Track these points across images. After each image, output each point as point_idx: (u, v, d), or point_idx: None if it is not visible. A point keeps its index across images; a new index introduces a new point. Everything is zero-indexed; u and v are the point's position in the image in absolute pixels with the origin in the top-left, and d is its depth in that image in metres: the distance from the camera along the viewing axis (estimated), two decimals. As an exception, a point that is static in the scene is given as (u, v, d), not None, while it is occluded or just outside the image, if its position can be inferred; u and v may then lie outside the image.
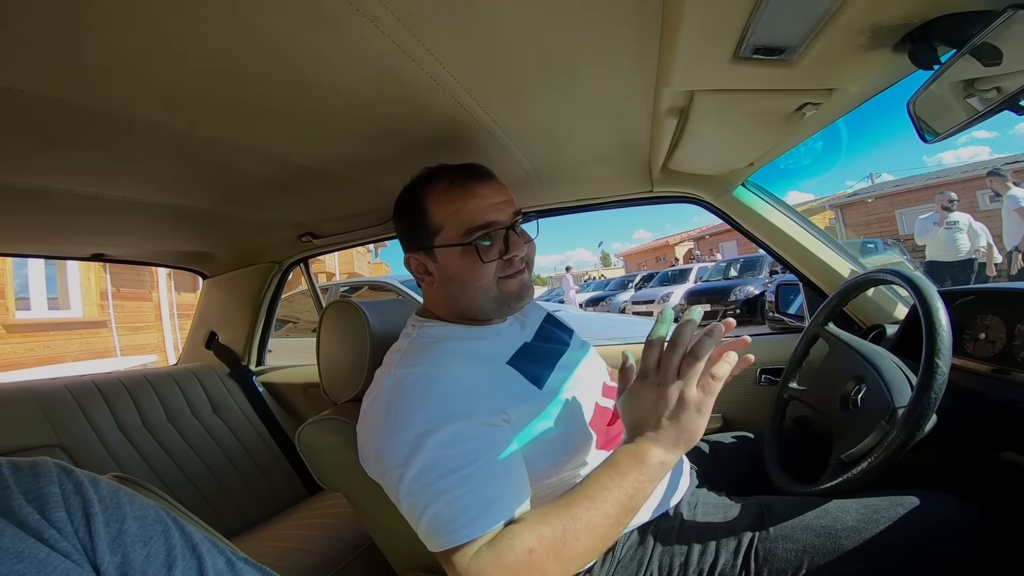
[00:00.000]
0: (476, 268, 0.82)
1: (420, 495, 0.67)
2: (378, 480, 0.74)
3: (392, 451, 0.69)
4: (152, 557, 0.35)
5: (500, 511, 0.66)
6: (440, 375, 0.75)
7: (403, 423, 0.70)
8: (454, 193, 0.83)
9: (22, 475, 0.35)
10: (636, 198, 1.46)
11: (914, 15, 0.57)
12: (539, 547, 0.62)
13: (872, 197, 14.17)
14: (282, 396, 2.04)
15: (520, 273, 0.86)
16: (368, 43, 0.60)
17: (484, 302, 0.85)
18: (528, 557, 0.61)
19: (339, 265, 12.09)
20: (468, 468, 0.67)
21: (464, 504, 0.65)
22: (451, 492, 0.66)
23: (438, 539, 0.65)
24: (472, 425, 0.71)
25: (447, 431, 0.69)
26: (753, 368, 1.39)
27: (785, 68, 0.67)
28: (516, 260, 0.85)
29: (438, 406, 0.71)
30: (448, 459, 0.67)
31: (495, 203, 0.84)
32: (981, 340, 0.96)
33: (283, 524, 1.53)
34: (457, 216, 0.82)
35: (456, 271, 0.84)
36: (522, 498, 0.69)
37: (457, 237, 0.82)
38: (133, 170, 0.96)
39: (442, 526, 0.65)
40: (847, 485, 0.79)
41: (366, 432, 0.76)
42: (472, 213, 0.82)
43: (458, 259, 0.83)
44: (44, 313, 6.40)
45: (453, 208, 0.82)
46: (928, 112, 0.71)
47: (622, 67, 0.75)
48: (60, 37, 0.53)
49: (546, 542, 0.62)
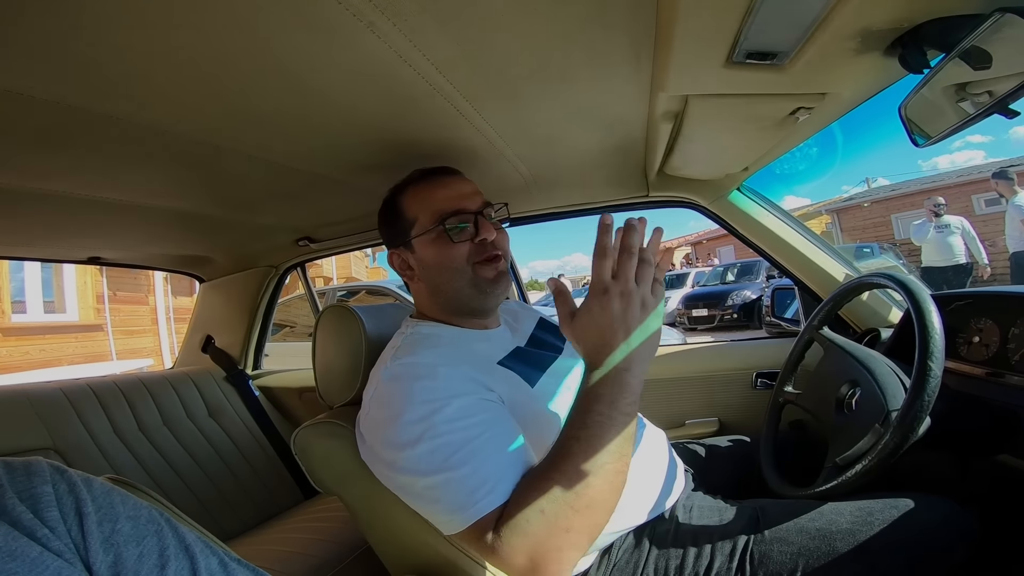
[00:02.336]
0: (449, 250, 0.85)
1: (434, 474, 0.66)
2: (386, 473, 0.73)
3: (398, 437, 0.69)
4: (145, 557, 0.35)
5: (514, 479, 0.66)
6: (437, 362, 0.76)
7: (405, 408, 0.70)
8: (424, 185, 0.89)
9: (15, 474, 0.35)
10: (632, 202, 1.47)
11: (904, 19, 0.58)
12: (549, 506, 0.61)
13: (868, 201, 14.20)
14: (278, 400, 2.03)
15: (495, 260, 0.87)
16: (365, 49, 0.61)
17: (461, 285, 0.86)
18: (542, 518, 0.61)
19: (336, 269, 12.08)
20: (479, 439, 0.67)
21: (481, 477, 0.65)
22: (465, 466, 0.65)
23: (461, 515, 0.64)
24: (474, 401, 0.72)
25: (452, 408, 0.69)
26: (749, 372, 1.40)
27: (778, 73, 0.68)
28: (488, 244, 0.86)
29: (439, 387, 0.72)
30: (456, 433, 0.68)
31: (463, 192, 0.88)
32: (975, 344, 0.97)
33: (279, 528, 1.52)
34: (429, 205, 0.86)
35: (432, 257, 0.87)
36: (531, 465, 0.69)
37: (430, 224, 0.86)
38: (130, 174, 0.96)
39: (462, 500, 0.64)
40: (842, 488, 0.79)
41: (369, 426, 0.76)
42: (441, 201, 0.86)
43: (432, 245, 0.87)
44: (40, 316, 6.36)
45: (425, 199, 0.87)
46: (920, 116, 0.72)
47: (617, 73, 0.75)
48: (59, 41, 0.53)
49: (554, 498, 0.61)
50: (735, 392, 1.42)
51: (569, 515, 0.61)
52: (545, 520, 0.60)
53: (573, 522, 0.61)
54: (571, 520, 0.61)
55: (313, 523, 1.49)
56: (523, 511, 0.61)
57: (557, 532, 0.60)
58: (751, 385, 1.39)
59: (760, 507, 0.85)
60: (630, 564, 0.80)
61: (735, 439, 1.19)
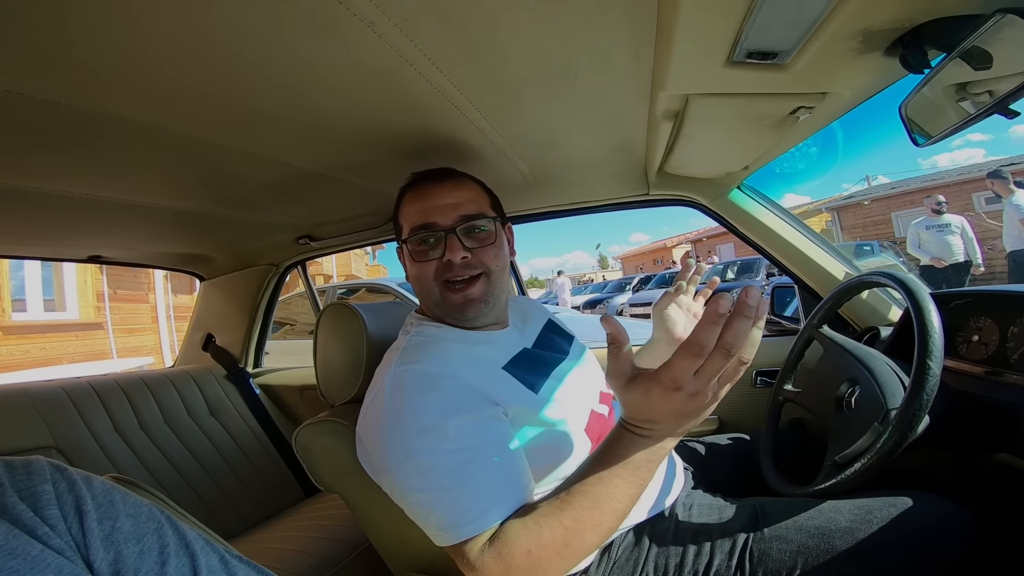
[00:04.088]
0: (414, 267, 0.87)
1: (428, 491, 0.67)
2: (380, 478, 0.74)
3: (395, 448, 0.70)
4: (145, 554, 0.35)
5: (508, 504, 0.66)
6: (440, 372, 0.75)
7: (405, 419, 0.70)
8: (411, 192, 0.89)
9: (16, 473, 0.35)
10: (632, 201, 1.47)
11: (904, 19, 0.58)
12: (536, 549, 0.62)
13: (868, 200, 14.20)
14: (279, 398, 2.03)
15: (463, 289, 0.84)
16: (365, 48, 0.61)
17: (429, 303, 0.88)
18: (526, 557, 0.61)
19: (337, 267, 12.07)
20: (474, 463, 0.67)
21: (473, 499, 0.65)
22: (459, 487, 0.66)
23: (449, 533, 0.65)
24: (475, 420, 0.71)
25: (450, 426, 0.69)
26: (749, 370, 1.40)
27: (778, 72, 0.68)
28: (455, 266, 0.83)
29: (440, 402, 0.72)
30: (453, 453, 0.68)
31: (440, 205, 0.85)
32: (974, 342, 0.97)
33: (280, 526, 1.53)
34: (408, 216, 0.87)
35: (408, 268, 0.89)
36: (528, 490, 0.70)
37: (405, 235, 0.87)
38: (131, 173, 0.96)
39: (453, 520, 0.65)
40: (841, 486, 0.80)
41: (368, 430, 0.76)
42: (413, 214, 0.86)
43: (405, 259, 0.90)
44: (40, 315, 6.36)
45: (407, 208, 0.88)
46: (920, 115, 0.72)
47: (618, 72, 0.75)
48: (58, 40, 0.53)
49: (544, 543, 0.62)
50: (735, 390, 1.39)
51: (554, 560, 0.62)
52: (529, 560, 0.62)
53: (554, 564, 0.63)
54: (553, 563, 0.62)
55: (314, 521, 1.49)
56: (511, 546, 0.62)
57: (538, 572, 0.62)
58: (751, 383, 1.39)
59: (759, 505, 0.85)
60: (630, 562, 0.80)
61: (735, 437, 1.19)
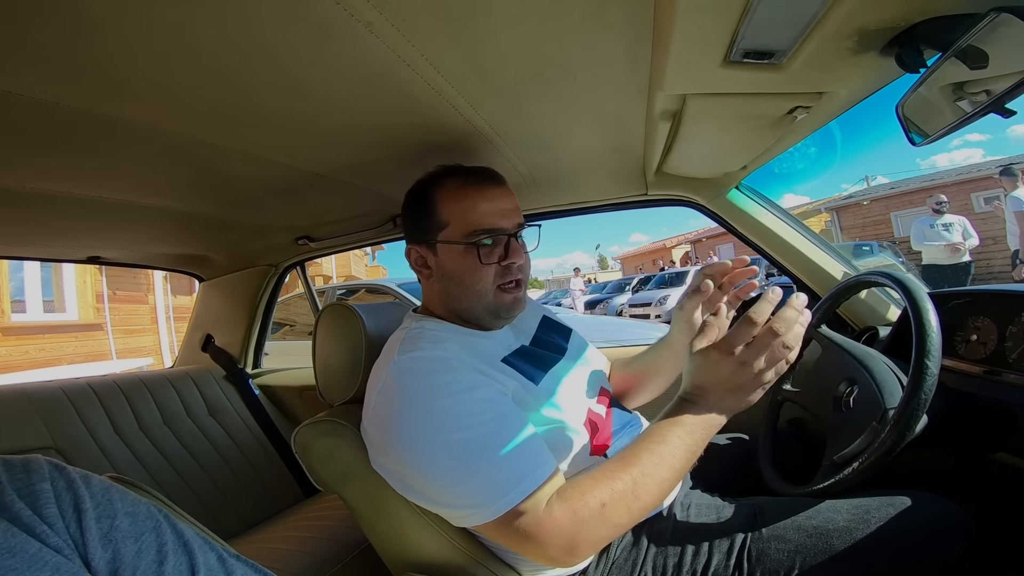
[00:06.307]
0: (475, 269, 0.84)
1: (461, 468, 0.67)
2: (403, 469, 0.73)
3: (416, 433, 0.69)
4: (143, 552, 0.35)
5: (550, 462, 0.69)
6: (446, 355, 0.76)
7: (422, 402, 0.71)
8: (466, 192, 0.85)
9: (14, 472, 0.35)
10: (631, 201, 1.47)
11: (900, 19, 0.58)
12: (611, 501, 0.65)
13: (867, 200, 14.20)
14: (278, 399, 2.03)
15: (517, 288, 0.88)
16: (363, 49, 0.61)
17: (477, 306, 0.86)
18: (601, 511, 0.65)
19: (336, 268, 12.08)
20: (505, 429, 0.69)
21: (516, 461, 0.67)
22: (495, 454, 0.67)
23: (498, 502, 0.65)
24: (492, 392, 0.73)
25: (471, 399, 0.70)
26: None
27: (775, 72, 0.68)
28: (514, 268, 0.86)
29: (454, 381, 0.72)
30: (482, 424, 0.68)
31: (504, 209, 0.85)
32: (973, 342, 0.97)
33: (279, 526, 1.53)
34: (465, 215, 0.84)
35: (454, 269, 0.85)
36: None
37: (461, 236, 0.83)
38: (130, 174, 0.96)
39: (497, 487, 0.65)
40: (839, 486, 0.80)
41: (379, 423, 0.75)
42: (480, 215, 0.83)
43: (458, 257, 0.84)
44: (40, 316, 6.36)
45: (462, 207, 0.84)
46: (917, 115, 0.72)
47: (615, 72, 0.75)
48: (59, 42, 0.53)
49: (618, 496, 0.66)
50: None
51: (623, 513, 0.66)
52: (602, 513, 0.65)
53: (623, 519, 0.67)
54: (622, 518, 0.66)
55: (313, 521, 1.49)
56: (583, 499, 0.65)
57: (607, 525, 0.66)
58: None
59: (758, 505, 0.85)
60: (628, 562, 0.80)
61: (733, 437, 1.19)
